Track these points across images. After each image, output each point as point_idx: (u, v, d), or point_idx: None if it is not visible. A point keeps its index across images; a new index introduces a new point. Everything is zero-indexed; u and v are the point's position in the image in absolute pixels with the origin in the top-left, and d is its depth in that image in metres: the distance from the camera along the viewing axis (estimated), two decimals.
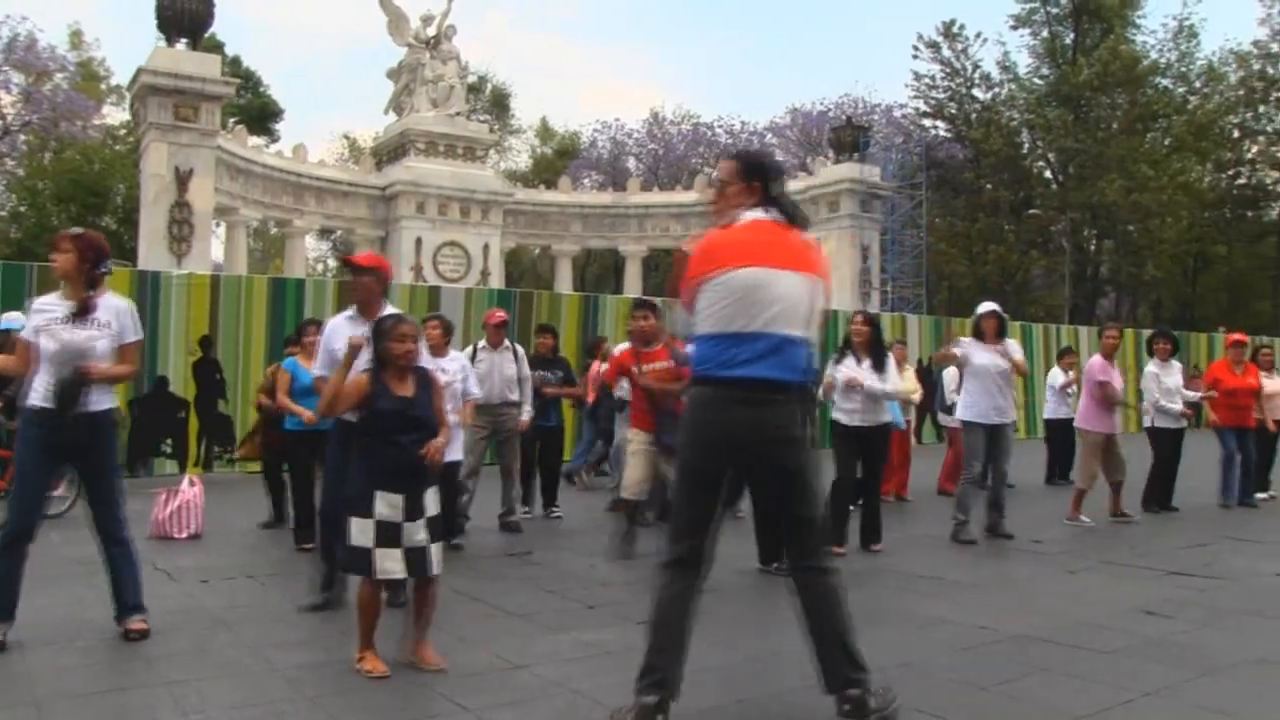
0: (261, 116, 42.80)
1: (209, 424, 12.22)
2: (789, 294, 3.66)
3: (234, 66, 37.10)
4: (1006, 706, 4.04)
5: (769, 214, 3.77)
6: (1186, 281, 43.04)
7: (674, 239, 34.88)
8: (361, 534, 4.35)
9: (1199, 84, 40.11)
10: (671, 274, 6.54)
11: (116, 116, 39.72)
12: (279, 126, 46.03)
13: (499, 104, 53.78)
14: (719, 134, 48.61)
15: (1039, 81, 39.78)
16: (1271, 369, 11.37)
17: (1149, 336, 10.06)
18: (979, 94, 40.32)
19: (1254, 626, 5.36)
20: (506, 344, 8.50)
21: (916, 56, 39.97)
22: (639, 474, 7.20)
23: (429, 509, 4.47)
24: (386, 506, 4.35)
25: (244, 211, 27.60)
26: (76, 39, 40.23)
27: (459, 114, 31.03)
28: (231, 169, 26.40)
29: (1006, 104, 39.55)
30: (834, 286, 27.79)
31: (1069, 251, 37.63)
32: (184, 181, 23.30)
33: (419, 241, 28.97)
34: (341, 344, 5.08)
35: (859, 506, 7.82)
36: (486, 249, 29.97)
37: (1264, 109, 40.09)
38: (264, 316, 12.51)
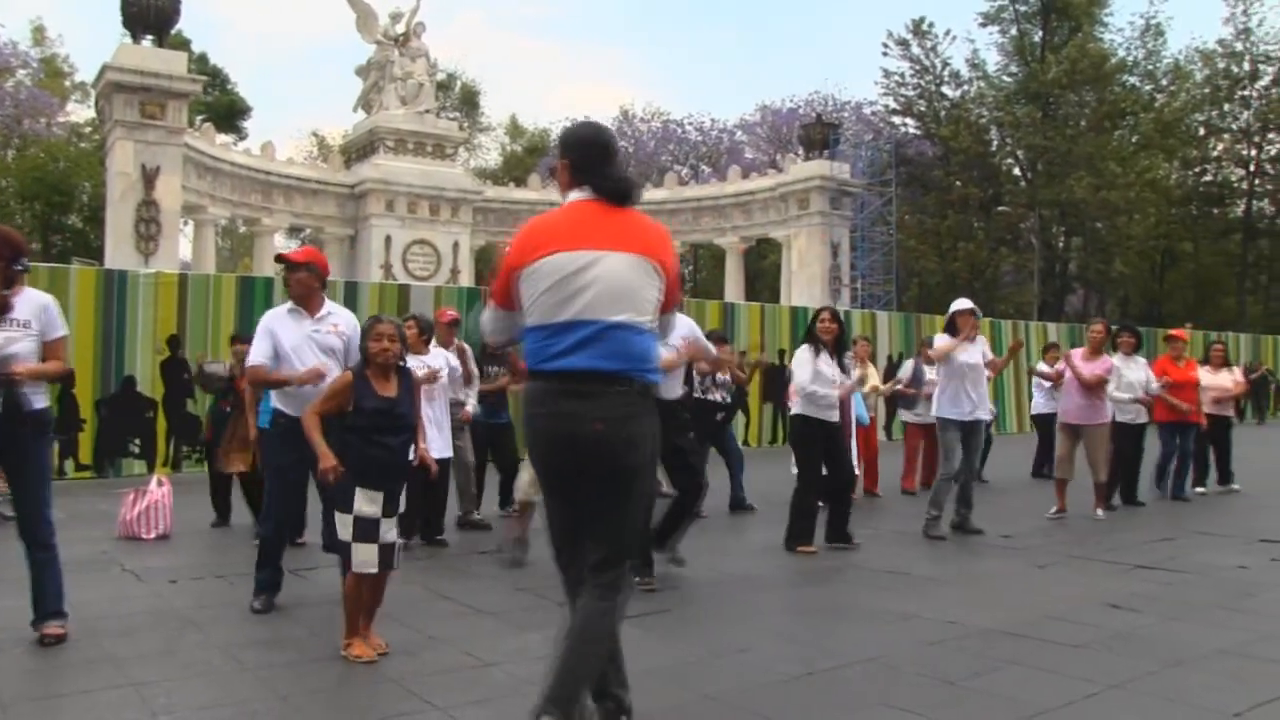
0: (229, 114, 42.51)
1: (177, 424, 12.12)
2: (608, 277, 3.31)
3: (201, 64, 36.80)
4: (974, 700, 4.07)
5: (587, 193, 3.44)
6: (1154, 278, 43.55)
7: None
8: (342, 528, 4.46)
9: (1165, 82, 40.57)
10: (490, 270, 6.28)
11: (81, 114, 39.39)
12: (247, 124, 45.87)
13: (468, 101, 53.65)
14: (689, 131, 48.77)
15: (1008, 79, 40.06)
16: (1223, 364, 11.53)
17: (1114, 331, 10.18)
18: (948, 91, 40.57)
19: (1219, 618, 5.43)
20: (457, 342, 8.53)
21: (886, 54, 40.18)
22: (532, 474, 7.12)
23: (401, 506, 4.60)
24: (367, 503, 4.44)
25: (212, 210, 27.38)
26: (39, 35, 39.89)
27: (428, 111, 30.89)
28: (199, 167, 26.18)
29: (975, 101, 39.80)
30: (804, 283, 27.62)
31: (1038, 248, 37.93)
32: (151, 179, 23.09)
33: (388, 239, 28.83)
34: (284, 335, 5.32)
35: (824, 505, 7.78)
36: (456, 247, 29.85)
37: (1229, 107, 40.67)
38: (232, 315, 12.40)
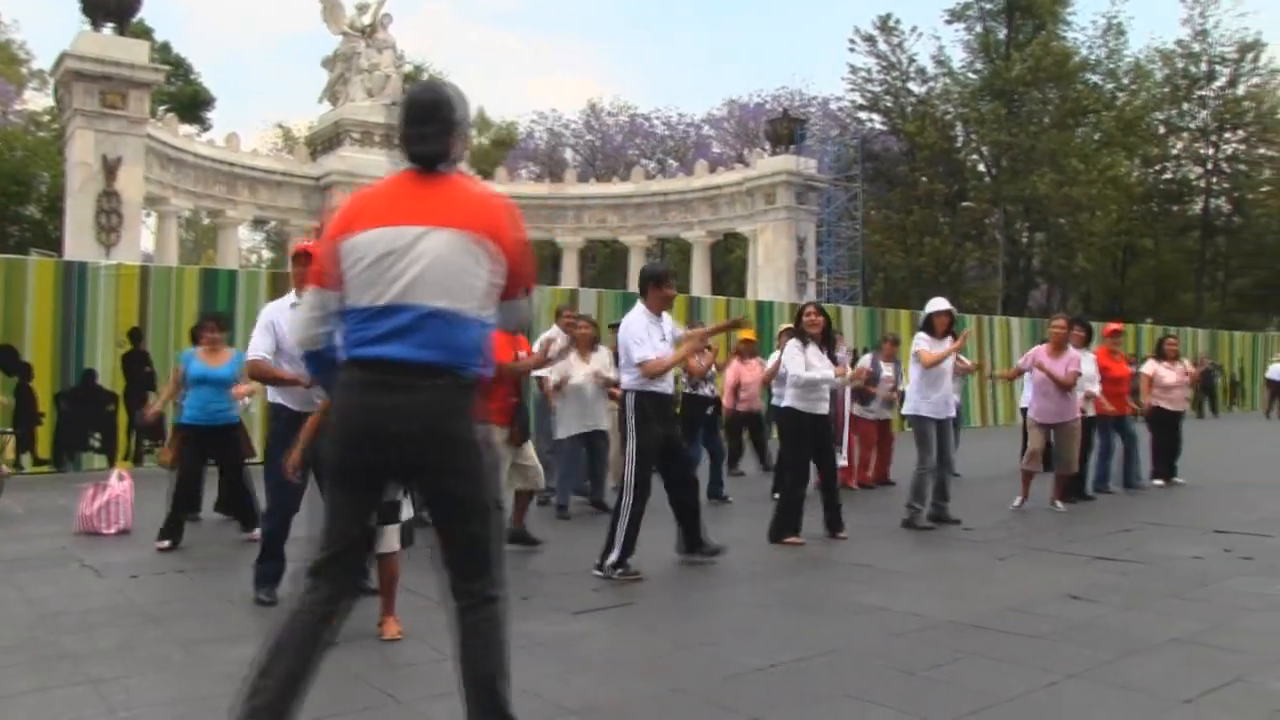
0: (193, 105, 42.02)
1: (139, 418, 12.00)
2: (428, 257, 2.95)
3: (163, 53, 36.41)
4: (935, 690, 4.10)
5: (409, 163, 3.11)
6: (1115, 274, 44.09)
7: (611, 230, 34.88)
8: None
9: (1127, 81, 41.11)
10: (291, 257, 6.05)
11: (39, 102, 38.78)
12: (211, 115, 45.29)
13: None
14: (656, 126, 48.75)
15: (973, 76, 40.43)
16: (1176, 358, 11.70)
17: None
18: (914, 88, 40.90)
19: (1173, 608, 5.51)
20: None
21: (853, 50, 40.49)
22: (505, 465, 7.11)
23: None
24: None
25: (175, 201, 27.10)
26: None
27: (395, 103, 30.57)
28: (162, 158, 25.91)
29: (941, 98, 40.14)
30: (770, 277, 27.69)
31: (1002, 244, 38.29)
32: (112, 170, 22.79)
33: None
34: (288, 329, 5.03)
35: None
36: None
37: (1187, 106, 41.25)
38: (195, 308, 12.22)
